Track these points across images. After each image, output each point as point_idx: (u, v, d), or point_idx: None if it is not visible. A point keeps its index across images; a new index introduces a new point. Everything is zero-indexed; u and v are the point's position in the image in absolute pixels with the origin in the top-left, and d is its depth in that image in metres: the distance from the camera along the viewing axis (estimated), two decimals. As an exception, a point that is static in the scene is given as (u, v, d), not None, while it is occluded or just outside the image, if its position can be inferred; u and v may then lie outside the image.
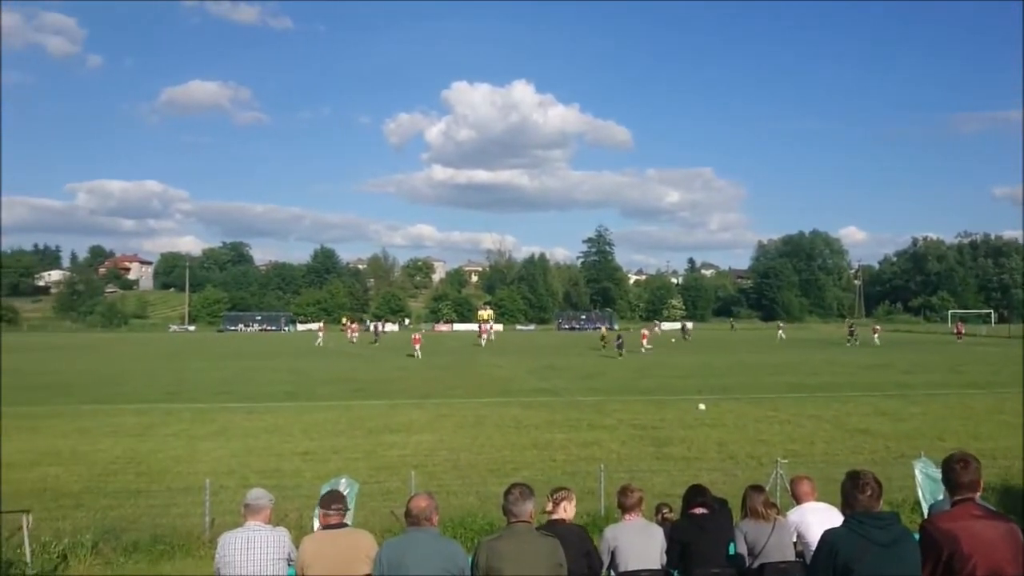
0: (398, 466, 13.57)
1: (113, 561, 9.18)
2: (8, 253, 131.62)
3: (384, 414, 19.85)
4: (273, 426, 18.06)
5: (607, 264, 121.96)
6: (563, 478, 12.66)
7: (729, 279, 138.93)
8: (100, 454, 14.95)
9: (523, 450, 15.38)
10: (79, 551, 9.12)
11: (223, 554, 4.98)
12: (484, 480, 12.81)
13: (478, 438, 16.57)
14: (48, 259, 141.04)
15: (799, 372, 32.09)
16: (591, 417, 19.29)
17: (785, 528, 5.57)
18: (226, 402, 22.29)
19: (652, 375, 30.97)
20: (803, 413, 19.62)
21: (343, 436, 16.86)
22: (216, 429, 17.69)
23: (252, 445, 15.86)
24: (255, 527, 5.06)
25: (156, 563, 9.20)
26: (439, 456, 14.78)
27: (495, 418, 19.16)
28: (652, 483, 11.85)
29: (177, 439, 16.51)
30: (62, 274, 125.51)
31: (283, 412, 20.19)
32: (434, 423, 18.51)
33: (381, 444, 15.91)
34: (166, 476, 13.24)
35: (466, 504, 11.12)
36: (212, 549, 9.11)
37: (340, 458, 14.46)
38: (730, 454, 14.82)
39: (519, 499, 4.31)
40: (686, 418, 18.96)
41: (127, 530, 10.07)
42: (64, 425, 18.09)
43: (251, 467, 13.77)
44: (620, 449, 15.40)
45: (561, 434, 17.03)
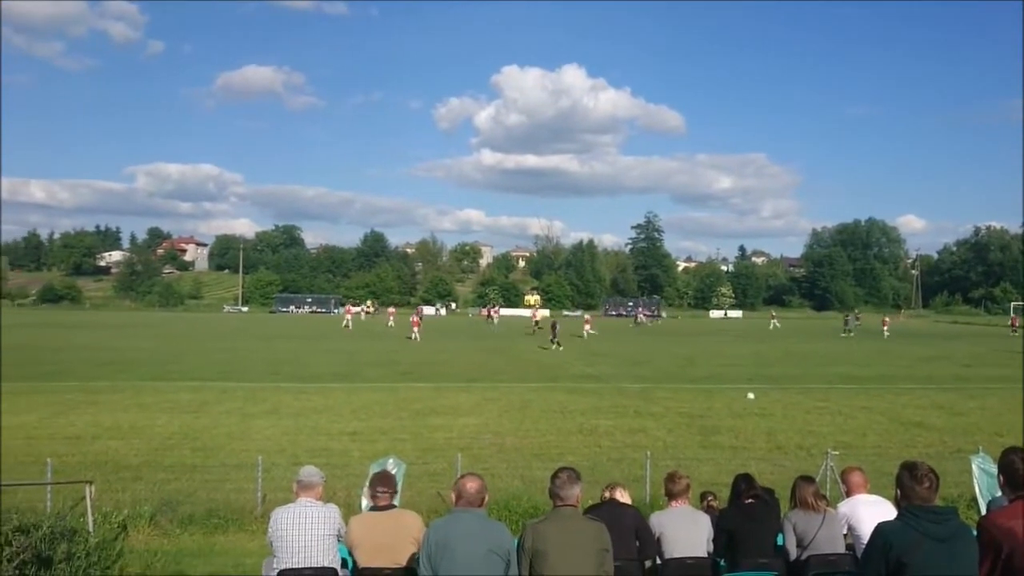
0: (444, 448, 13.71)
1: (170, 532, 9.50)
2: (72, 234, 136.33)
3: (430, 396, 20.05)
4: (322, 406, 18.39)
5: (656, 250, 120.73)
6: (608, 464, 12.67)
7: (781, 267, 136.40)
8: (158, 429, 15.43)
9: (568, 435, 15.40)
10: (138, 522, 9.46)
11: (276, 528, 5.11)
12: (529, 464, 12.88)
13: (523, 422, 16.63)
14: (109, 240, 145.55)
15: (852, 363, 31.42)
16: (637, 404, 19.20)
17: (835, 520, 5.48)
18: (278, 382, 22.77)
19: (701, 363, 30.65)
20: (855, 404, 19.23)
21: (390, 417, 17.09)
22: (268, 408, 18.09)
23: (302, 424, 16.19)
24: (307, 503, 5.17)
25: (210, 536, 9.49)
26: (484, 439, 14.89)
27: (541, 403, 19.20)
28: (698, 472, 11.77)
29: (231, 416, 16.94)
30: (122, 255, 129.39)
31: (332, 393, 20.54)
32: (480, 406, 18.63)
33: (427, 426, 16.09)
34: (220, 452, 13.60)
35: (511, 487, 11.19)
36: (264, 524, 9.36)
37: (387, 439, 14.67)
38: (778, 444, 14.62)
39: (567, 483, 4.32)
40: (734, 407, 18.75)
41: (183, 503, 10.40)
42: (124, 400, 18.70)
43: (301, 445, 14.06)
44: (666, 437, 15.30)
45: (607, 420, 17.00)
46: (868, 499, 5.78)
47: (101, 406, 17.89)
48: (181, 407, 17.94)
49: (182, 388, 20.93)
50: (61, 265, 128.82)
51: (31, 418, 16.38)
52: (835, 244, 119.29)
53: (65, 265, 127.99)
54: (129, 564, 7.83)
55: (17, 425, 15.57)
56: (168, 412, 17.27)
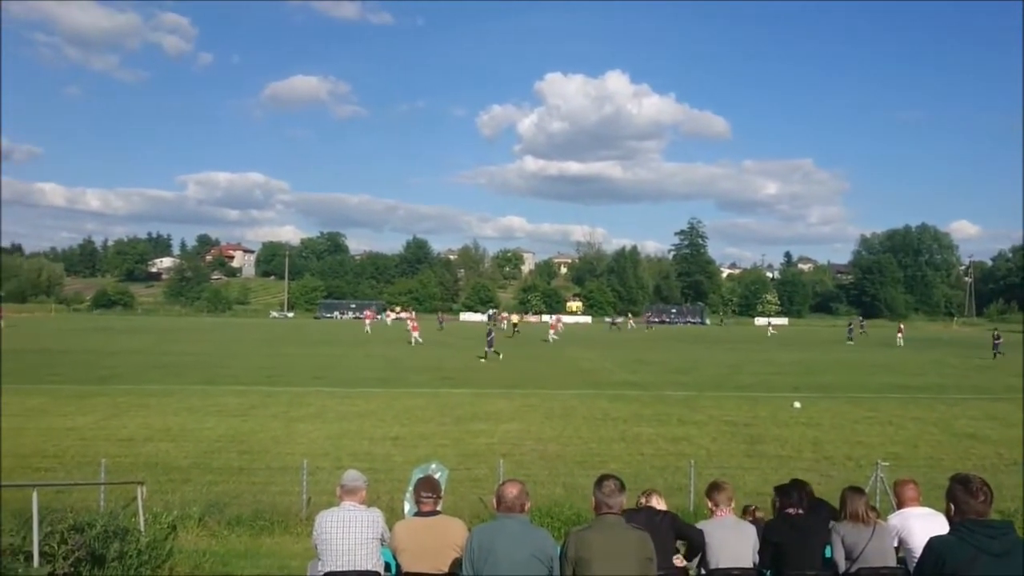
0: (486, 454, 13.75)
1: (217, 533, 9.69)
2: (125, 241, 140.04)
3: (472, 402, 20.11)
4: (365, 411, 18.58)
5: (699, 257, 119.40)
6: (651, 472, 12.58)
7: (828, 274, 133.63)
8: (206, 432, 15.75)
9: (611, 443, 15.32)
10: (187, 522, 9.68)
11: (320, 531, 5.17)
12: (571, 471, 12.84)
13: (565, 429, 16.59)
14: (160, 247, 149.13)
15: (902, 372, 30.67)
16: (681, 412, 19.01)
17: (886, 533, 5.34)
18: (322, 386, 23.05)
19: (745, 371, 30.22)
20: (906, 415, 18.77)
21: (432, 423, 17.18)
22: (312, 412, 18.33)
23: (346, 428, 16.37)
24: (351, 507, 5.22)
25: (257, 537, 9.66)
26: (526, 446, 14.88)
27: (583, 410, 19.13)
28: (743, 481, 11.62)
29: (276, 420, 17.20)
30: (173, 261, 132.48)
31: (375, 397, 20.73)
32: (522, 413, 18.62)
33: (469, 432, 16.14)
34: (266, 455, 13.83)
35: (553, 494, 11.18)
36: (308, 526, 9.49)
37: (429, 444, 14.76)
38: (826, 454, 14.35)
39: (614, 491, 4.29)
40: (780, 416, 18.45)
41: (230, 505, 10.60)
42: (174, 404, 19.12)
43: (344, 449, 14.22)
44: (710, 445, 15.13)
45: (649, 428, 16.86)
46: (920, 512, 5.63)
47: (152, 409, 18.32)
48: (228, 411, 18.28)
49: (229, 392, 21.32)
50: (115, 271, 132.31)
51: (86, 420, 16.85)
52: (885, 250, 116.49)
53: (118, 271, 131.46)
54: (179, 564, 8.00)
55: (72, 427, 16.05)
56: (216, 416, 17.62)
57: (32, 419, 16.87)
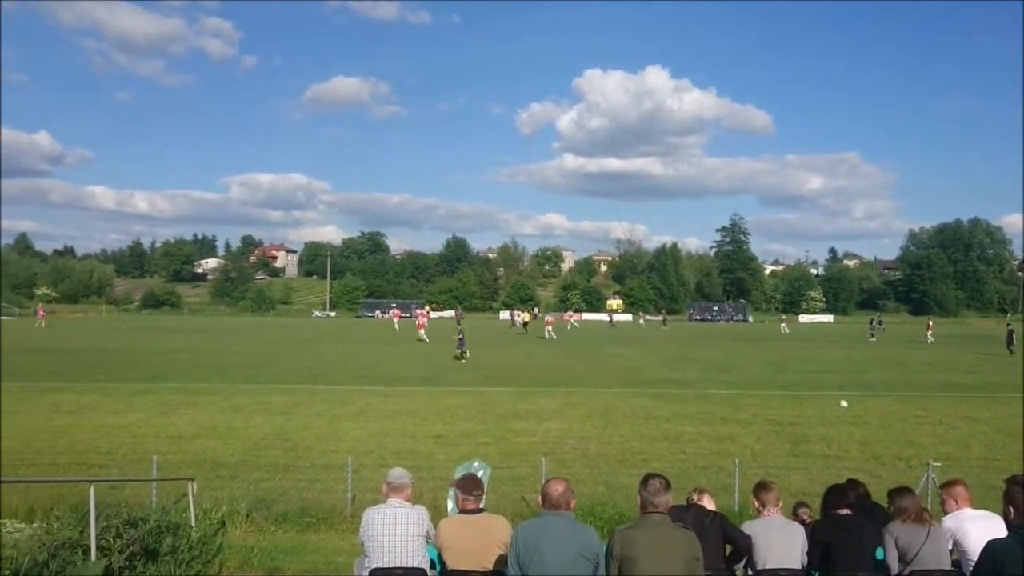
0: (528, 452, 13.76)
1: (265, 529, 9.87)
2: (172, 242, 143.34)
3: (513, 401, 20.14)
4: (408, 409, 18.72)
5: (742, 253, 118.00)
6: (695, 472, 12.46)
7: (875, 270, 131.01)
8: (252, 430, 16.03)
9: (653, 441, 15.22)
10: (235, 518, 9.87)
11: (367, 528, 5.23)
12: (613, 470, 12.80)
13: (607, 428, 16.53)
14: (206, 248, 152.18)
15: (952, 370, 29.91)
16: (724, 411, 18.80)
17: (941, 535, 5.21)
18: (364, 385, 23.30)
19: (790, 369, 29.78)
20: (957, 414, 18.31)
21: (474, 421, 17.25)
22: (355, 410, 18.53)
23: (388, 427, 16.52)
24: (397, 504, 5.28)
25: (303, 533, 9.81)
26: (568, 444, 14.86)
27: (624, 408, 19.03)
28: (789, 481, 11.46)
29: (320, 419, 17.44)
30: (218, 262, 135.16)
31: (417, 396, 20.88)
32: (563, 411, 18.60)
33: (511, 430, 16.17)
34: (311, 453, 14.03)
35: (595, 493, 11.15)
36: (353, 523, 9.61)
37: (471, 442, 14.81)
38: (874, 454, 14.08)
39: (659, 490, 4.27)
40: (826, 415, 18.14)
41: (277, 501, 10.78)
42: (221, 402, 19.50)
43: (388, 447, 14.36)
44: (755, 445, 14.94)
45: (692, 427, 16.71)
46: (975, 514, 5.48)
47: (200, 407, 18.71)
48: (274, 409, 18.58)
49: (274, 390, 21.67)
50: (162, 272, 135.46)
51: (137, 417, 17.28)
52: (934, 245, 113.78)
53: (165, 272, 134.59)
54: (228, 559, 8.16)
55: (124, 424, 16.47)
56: (262, 413, 17.92)
57: (86, 416, 17.37)
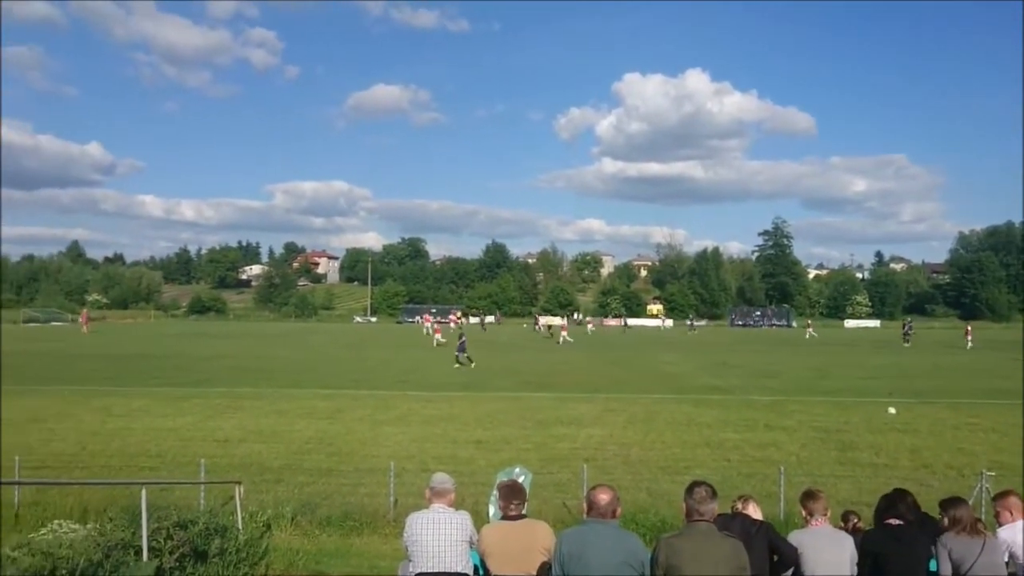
0: (568, 458, 13.73)
1: (309, 533, 10.00)
2: (217, 249, 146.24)
3: (554, 406, 20.10)
4: (448, 414, 18.81)
5: (784, 258, 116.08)
6: (739, 479, 12.30)
7: (923, 274, 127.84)
8: (296, 434, 16.25)
9: (695, 448, 15.07)
10: (281, 522, 10.03)
11: (411, 533, 5.27)
12: (656, 477, 12.70)
13: (649, 434, 16.40)
14: (250, 255, 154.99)
15: (1005, 376, 29.03)
16: (768, 417, 18.53)
17: (996, 547, 5.06)
18: (405, 390, 23.46)
19: (835, 375, 29.23)
20: (1011, 422, 17.75)
21: (514, 427, 17.25)
22: (397, 415, 18.68)
23: (430, 432, 16.61)
24: (440, 509, 5.30)
25: (347, 537, 9.91)
26: (609, 451, 14.79)
27: (666, 414, 18.87)
28: (837, 489, 11.26)
29: (362, 423, 17.60)
30: (262, 268, 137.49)
31: (457, 401, 20.96)
32: (604, 417, 18.51)
33: (552, 436, 16.14)
34: (353, 457, 14.17)
35: (637, 500, 11.07)
36: (396, 528, 9.68)
37: (512, 448, 14.83)
38: (924, 463, 13.74)
39: (705, 498, 4.23)
40: (874, 422, 17.76)
41: (320, 505, 10.91)
42: (266, 406, 19.80)
43: (429, 453, 14.43)
44: (800, 452, 14.70)
45: (735, 434, 16.50)
46: (1033, 525, 5.32)
47: (245, 411, 19.03)
48: (317, 413, 18.81)
49: (317, 395, 21.94)
50: (208, 279, 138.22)
51: (185, 421, 17.65)
52: (985, 248, 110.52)
53: (211, 278, 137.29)
54: (274, 561, 8.29)
55: (172, 428, 16.84)
56: (305, 418, 18.15)
57: (136, 420, 17.79)
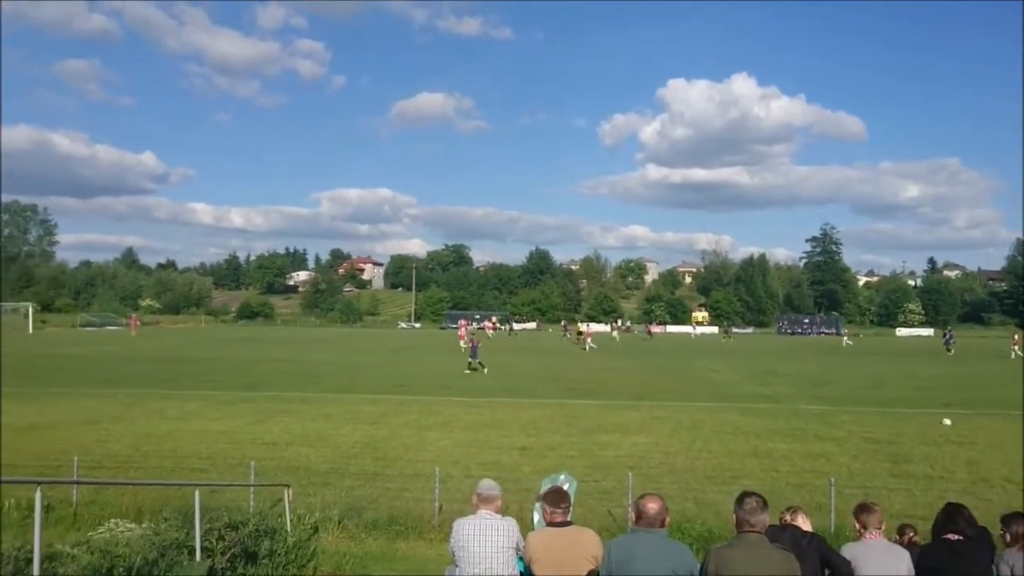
0: (613, 466, 13.65)
1: (356, 536, 10.10)
2: (266, 256, 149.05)
3: (598, 414, 20.00)
4: (492, 421, 18.84)
5: (833, 264, 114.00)
6: (788, 490, 12.08)
7: (978, 281, 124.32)
8: (342, 438, 16.45)
9: (742, 458, 14.85)
10: (328, 525, 10.15)
11: (457, 539, 5.28)
12: (702, 486, 12.55)
13: (695, 443, 16.21)
14: (297, 261, 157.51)
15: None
16: (817, 427, 18.17)
17: (1061, 564, 4.90)
18: (449, 395, 23.57)
19: (888, 385, 28.54)
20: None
21: (559, 434, 17.21)
22: (441, 421, 18.77)
23: (474, 438, 16.66)
24: (487, 515, 5.31)
25: (392, 541, 9.99)
26: (654, 459, 14.66)
27: (712, 423, 18.64)
28: (890, 502, 10.98)
29: (407, 428, 17.73)
30: (308, 275, 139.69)
31: (501, 407, 20.98)
32: (649, 425, 18.36)
33: (596, 443, 16.06)
34: (398, 462, 14.28)
35: (683, 509, 10.94)
36: (441, 533, 9.75)
37: (556, 455, 14.78)
38: (982, 476, 13.32)
39: (756, 509, 4.17)
40: (928, 433, 17.30)
41: (367, 509, 11.02)
42: (312, 411, 20.08)
43: (473, 458, 14.46)
44: (851, 463, 14.38)
45: (784, 444, 16.22)
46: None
47: (293, 415, 19.32)
48: (362, 418, 19.01)
49: (363, 400, 22.17)
50: (257, 284, 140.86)
51: (235, 424, 17.99)
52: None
53: (260, 284, 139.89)
54: (322, 564, 8.39)
55: (223, 430, 17.17)
56: (351, 422, 18.36)
57: (188, 422, 18.20)
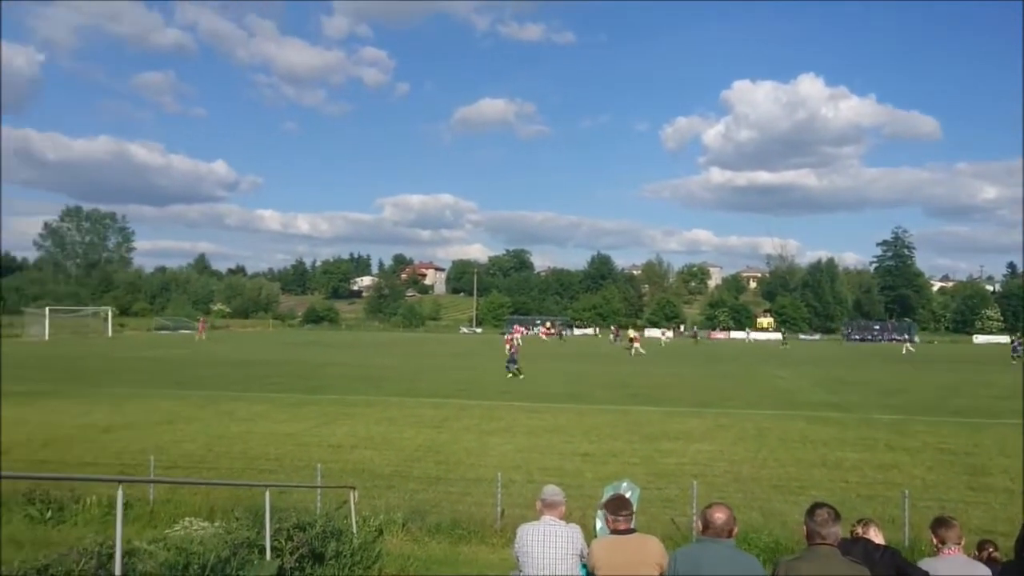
0: (676, 474, 13.48)
1: (419, 539, 10.20)
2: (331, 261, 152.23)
3: (661, 420, 19.78)
4: (554, 426, 18.80)
5: (906, 269, 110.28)
6: (858, 501, 11.74)
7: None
8: (405, 442, 16.64)
9: (810, 468, 14.48)
10: (392, 527, 10.28)
11: (521, 544, 5.30)
12: (768, 496, 12.28)
13: (760, 451, 15.89)
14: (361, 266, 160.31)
15: None
16: (889, 437, 17.60)
17: None
18: (511, 400, 23.62)
19: (965, 394, 27.45)
20: None
21: (621, 440, 17.07)
22: (503, 426, 18.82)
23: (535, 443, 16.65)
24: (551, 521, 5.31)
25: (455, 545, 10.05)
26: (719, 467, 14.41)
27: (778, 431, 18.23)
28: (968, 517, 10.57)
29: (469, 433, 17.83)
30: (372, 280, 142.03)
31: (563, 413, 20.93)
32: (713, 433, 18.07)
33: (659, 451, 15.88)
34: (460, 466, 14.37)
35: (749, 519, 10.72)
36: (503, 538, 9.78)
37: (618, 462, 14.67)
38: (1068, 491, 12.67)
39: (828, 520, 4.07)
40: (1008, 445, 16.56)
41: (430, 512, 11.11)
42: (376, 414, 20.38)
43: (535, 464, 14.46)
44: (925, 475, 13.87)
45: (854, 453, 15.75)
46: None
47: (357, 418, 19.64)
48: (425, 422, 19.21)
49: (425, 404, 22.40)
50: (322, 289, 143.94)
51: (301, 426, 18.39)
52: None
53: (325, 289, 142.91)
54: (387, 566, 8.51)
55: (290, 433, 17.57)
56: (414, 426, 18.56)
57: (257, 424, 18.69)
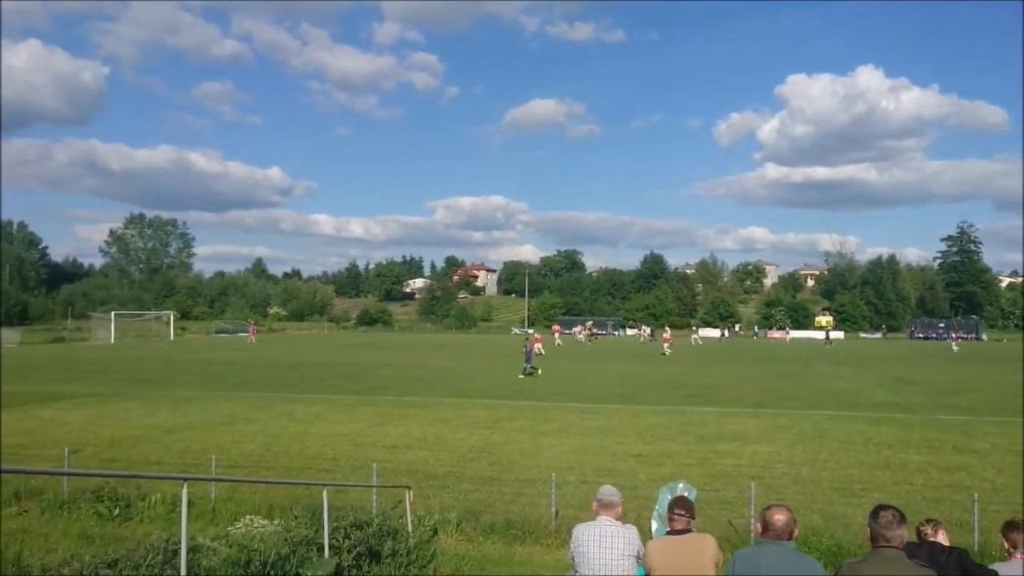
0: (733, 476, 13.28)
1: (474, 539, 10.25)
2: (384, 264, 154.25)
3: (716, 421, 19.51)
4: (607, 427, 18.70)
5: (972, 265, 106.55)
6: (924, 504, 11.39)
7: None
8: (459, 442, 16.74)
9: (873, 469, 14.10)
10: (446, 527, 10.35)
11: (577, 545, 5.28)
12: (829, 499, 12.01)
13: (820, 453, 15.53)
14: (413, 269, 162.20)
15: None
16: (956, 439, 17.04)
17: None
18: (564, 401, 23.56)
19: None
20: None
21: (676, 441, 16.89)
22: (556, 427, 18.79)
23: (588, 444, 16.58)
24: (607, 522, 5.28)
25: (509, 545, 10.07)
26: (777, 469, 14.14)
27: (839, 433, 17.80)
28: (1041, 521, 10.12)
29: (522, 434, 17.86)
30: (424, 282, 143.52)
31: (617, 414, 20.81)
32: (770, 434, 17.74)
33: (715, 452, 15.66)
34: (514, 467, 14.38)
35: (809, 522, 10.49)
36: (558, 538, 9.76)
37: (673, 463, 14.52)
38: None
39: (893, 523, 3.95)
40: (1085, 447, 15.87)
41: (484, 513, 11.15)
42: (430, 415, 20.56)
43: (588, 465, 14.39)
44: (995, 478, 13.38)
45: (918, 455, 15.29)
46: None
47: (411, 419, 19.84)
48: (478, 423, 19.29)
49: (478, 405, 22.51)
50: (375, 292, 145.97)
51: (356, 427, 18.66)
52: None
53: (378, 292, 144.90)
54: (442, 565, 8.57)
55: (345, 433, 17.84)
56: (467, 427, 18.66)
57: (314, 425, 19.02)
